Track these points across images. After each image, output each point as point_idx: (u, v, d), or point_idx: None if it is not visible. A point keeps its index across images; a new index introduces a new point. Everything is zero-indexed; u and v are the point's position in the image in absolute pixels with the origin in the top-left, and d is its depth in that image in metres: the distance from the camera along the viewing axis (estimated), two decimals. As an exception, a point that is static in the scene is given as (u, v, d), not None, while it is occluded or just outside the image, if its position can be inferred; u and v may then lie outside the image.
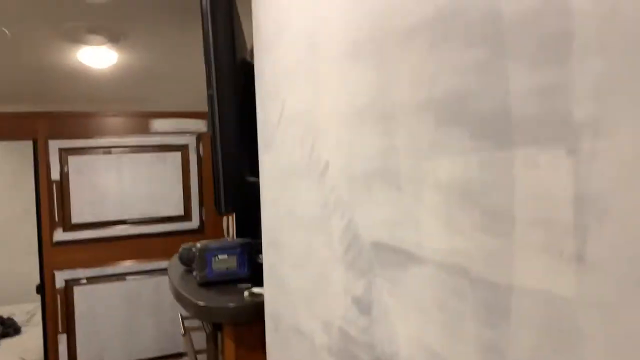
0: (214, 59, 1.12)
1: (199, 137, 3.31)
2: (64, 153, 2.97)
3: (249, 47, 1.56)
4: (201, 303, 1.19)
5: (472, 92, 0.55)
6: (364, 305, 0.78)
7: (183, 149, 3.25)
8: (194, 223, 3.23)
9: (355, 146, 0.76)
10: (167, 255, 3.05)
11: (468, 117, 0.57)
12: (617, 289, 0.44)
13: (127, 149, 3.10)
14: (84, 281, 2.93)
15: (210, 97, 1.12)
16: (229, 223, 2.98)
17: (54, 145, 2.93)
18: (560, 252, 0.48)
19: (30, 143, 2.97)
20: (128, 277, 3.04)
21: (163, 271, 3.10)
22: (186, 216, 3.21)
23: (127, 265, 3.05)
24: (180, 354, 2.13)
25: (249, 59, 1.51)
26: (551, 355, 0.49)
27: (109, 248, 3.03)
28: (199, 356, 1.67)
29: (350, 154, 0.78)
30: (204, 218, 3.27)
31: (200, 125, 3.29)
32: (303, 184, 0.92)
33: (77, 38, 2.12)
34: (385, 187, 0.71)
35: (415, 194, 0.66)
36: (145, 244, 3.09)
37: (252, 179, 1.22)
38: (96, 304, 2.95)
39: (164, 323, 3.10)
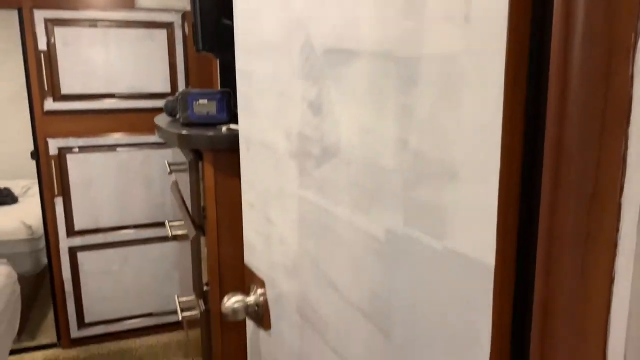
0: None
1: (184, 15, 3.33)
2: (50, 24, 2.99)
3: None
4: (184, 132, 1.35)
5: None
6: (316, 107, 0.93)
7: (169, 26, 3.28)
8: (181, 101, 3.34)
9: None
10: (154, 130, 3.18)
11: None
12: (485, 39, 0.58)
13: (113, 23, 3.12)
14: (76, 150, 3.08)
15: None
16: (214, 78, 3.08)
17: (39, 15, 2.95)
18: (453, 17, 0.62)
19: (15, 14, 2.99)
20: (118, 149, 3.18)
21: (151, 145, 3.25)
22: (173, 93, 3.30)
23: (116, 137, 3.18)
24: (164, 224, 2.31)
25: None
26: (446, 106, 0.65)
27: (99, 120, 3.14)
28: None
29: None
30: (190, 97, 3.37)
31: (185, 3, 3.29)
32: (271, 11, 1.04)
33: None
34: (334, -5, 0.83)
35: (356, -5, 0.78)
36: (133, 118, 3.20)
37: (227, 21, 1.33)
38: (89, 171, 3.12)
39: (153, 194, 3.31)
